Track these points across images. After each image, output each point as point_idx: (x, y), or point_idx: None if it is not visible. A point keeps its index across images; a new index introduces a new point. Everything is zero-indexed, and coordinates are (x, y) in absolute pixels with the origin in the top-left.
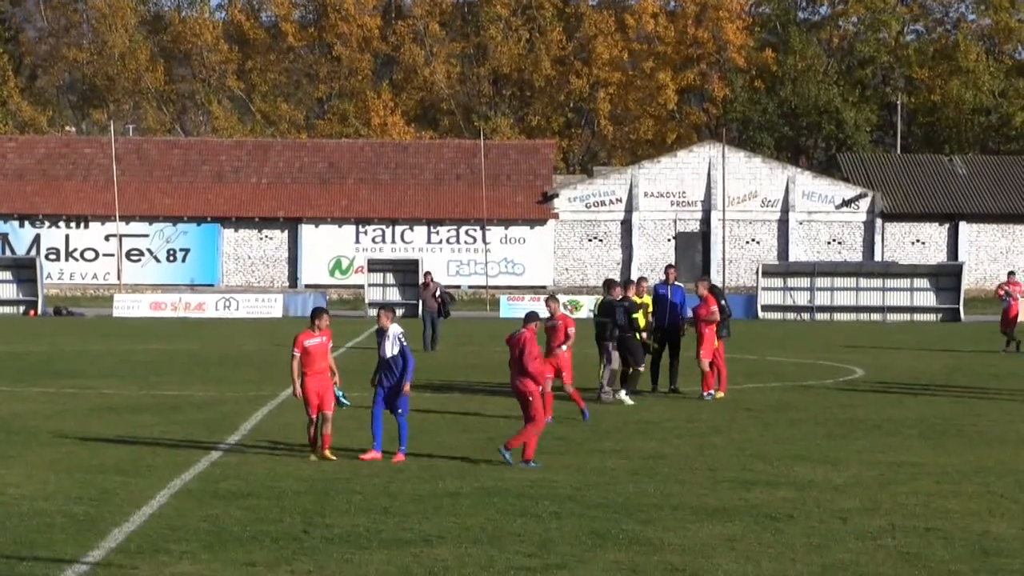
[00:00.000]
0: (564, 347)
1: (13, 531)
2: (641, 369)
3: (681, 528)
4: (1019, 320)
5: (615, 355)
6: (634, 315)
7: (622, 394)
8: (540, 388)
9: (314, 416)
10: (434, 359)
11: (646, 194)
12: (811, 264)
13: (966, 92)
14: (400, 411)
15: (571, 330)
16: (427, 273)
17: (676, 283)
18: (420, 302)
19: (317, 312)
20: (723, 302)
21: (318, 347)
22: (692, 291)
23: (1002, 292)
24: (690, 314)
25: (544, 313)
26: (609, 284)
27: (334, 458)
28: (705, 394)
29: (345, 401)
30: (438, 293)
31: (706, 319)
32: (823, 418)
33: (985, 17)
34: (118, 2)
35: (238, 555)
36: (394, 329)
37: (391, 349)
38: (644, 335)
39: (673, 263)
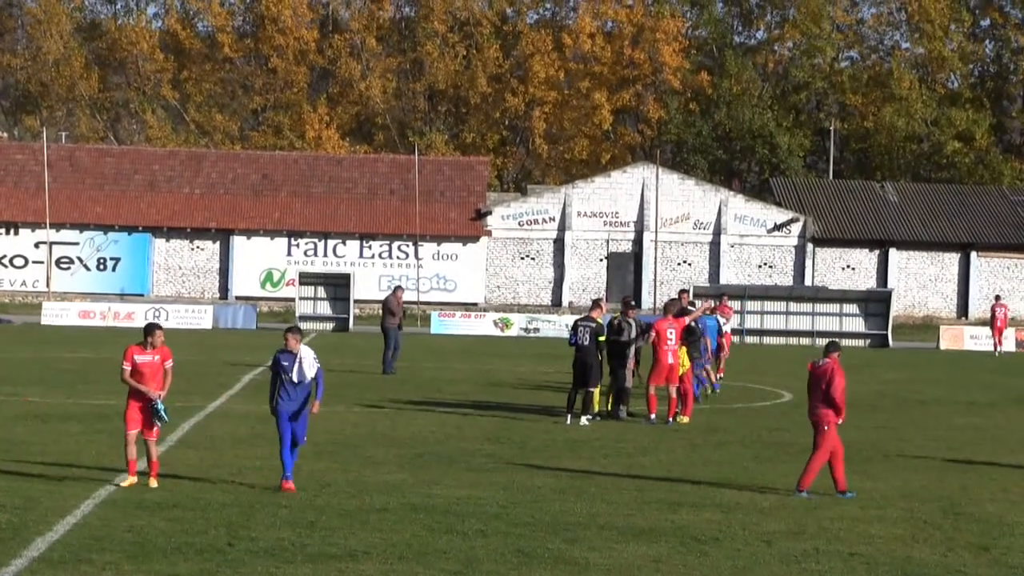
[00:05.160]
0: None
1: None
2: (592, 390)
3: (607, 548)
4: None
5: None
6: (600, 337)
7: (583, 419)
8: (839, 420)
9: (129, 434)
10: (360, 376)
11: (579, 213)
12: (742, 287)
13: (899, 119)
14: (302, 440)
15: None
16: (398, 287)
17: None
18: (391, 317)
19: (149, 328)
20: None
21: (148, 365)
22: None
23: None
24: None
25: None
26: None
27: (156, 485)
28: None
29: (165, 416)
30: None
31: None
32: (751, 441)
33: (919, 46)
34: (54, 8)
35: (162, 567)
36: (306, 351)
37: (309, 371)
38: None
39: (685, 288)
